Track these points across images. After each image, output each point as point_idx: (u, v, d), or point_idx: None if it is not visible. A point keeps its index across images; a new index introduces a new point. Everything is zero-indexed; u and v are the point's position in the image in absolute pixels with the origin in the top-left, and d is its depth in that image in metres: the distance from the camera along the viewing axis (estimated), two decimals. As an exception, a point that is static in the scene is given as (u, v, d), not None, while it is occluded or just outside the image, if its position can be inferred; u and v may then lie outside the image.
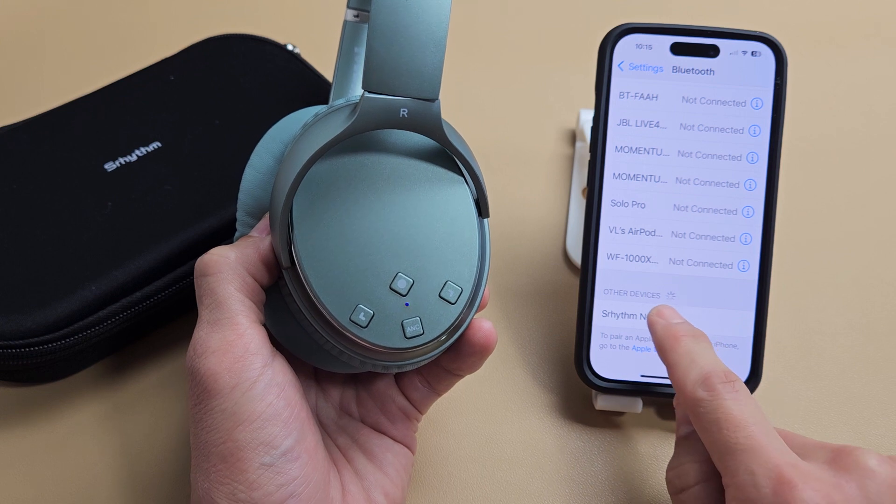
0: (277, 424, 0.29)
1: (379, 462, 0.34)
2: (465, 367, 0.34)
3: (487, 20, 0.61)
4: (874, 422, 0.41)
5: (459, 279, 0.31)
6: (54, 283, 0.38)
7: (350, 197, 0.31)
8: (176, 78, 0.47)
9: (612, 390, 0.40)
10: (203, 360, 0.29)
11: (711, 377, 0.32)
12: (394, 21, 0.29)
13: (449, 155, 0.32)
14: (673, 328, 0.35)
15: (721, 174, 0.40)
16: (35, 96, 0.54)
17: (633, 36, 0.40)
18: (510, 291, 0.46)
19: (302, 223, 0.30)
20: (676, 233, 0.40)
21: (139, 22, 0.61)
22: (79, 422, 0.41)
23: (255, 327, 0.30)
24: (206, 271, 0.31)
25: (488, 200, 0.33)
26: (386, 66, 0.29)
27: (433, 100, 0.30)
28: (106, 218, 0.41)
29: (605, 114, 0.40)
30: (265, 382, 0.30)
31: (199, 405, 0.30)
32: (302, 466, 0.30)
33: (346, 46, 0.38)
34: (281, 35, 0.54)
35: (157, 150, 0.43)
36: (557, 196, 0.51)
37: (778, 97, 0.40)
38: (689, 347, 0.34)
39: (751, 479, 0.28)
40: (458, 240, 0.31)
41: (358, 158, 0.31)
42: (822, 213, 0.50)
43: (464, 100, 0.55)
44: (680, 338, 0.34)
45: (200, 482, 0.30)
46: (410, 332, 0.30)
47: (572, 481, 0.39)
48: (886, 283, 0.47)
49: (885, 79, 0.57)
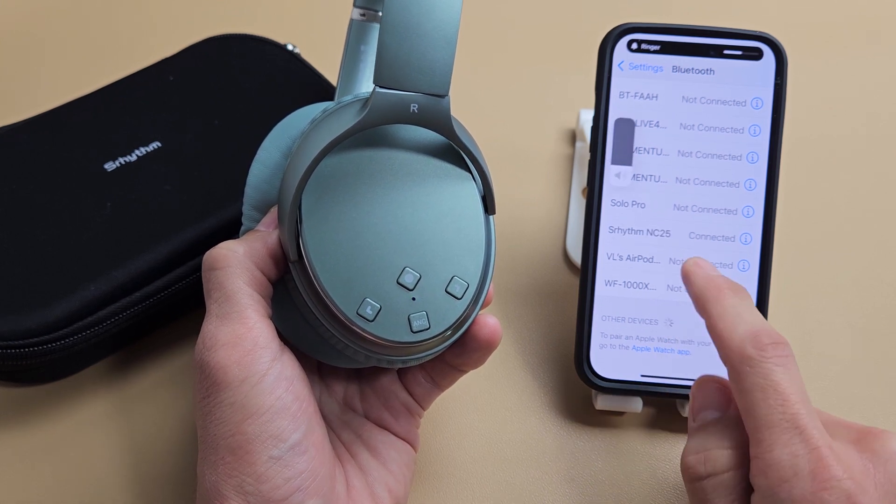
0: (286, 418, 0.29)
1: (382, 458, 0.35)
2: (469, 363, 0.34)
3: (487, 20, 0.61)
4: (874, 422, 0.41)
5: (466, 274, 0.31)
6: (54, 283, 0.38)
7: (358, 191, 0.31)
8: (176, 78, 0.47)
9: (612, 390, 0.40)
10: (212, 354, 0.30)
11: (761, 335, 0.30)
12: (406, 17, 0.30)
13: (457, 151, 0.32)
14: (714, 279, 0.33)
15: (721, 174, 0.40)
16: (35, 96, 0.54)
17: (632, 36, 0.40)
18: (510, 291, 0.46)
19: (310, 217, 0.31)
20: (676, 233, 0.40)
21: (139, 22, 0.61)
22: (79, 421, 0.41)
23: (263, 321, 0.31)
24: (214, 265, 0.31)
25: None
26: (397, 62, 0.30)
27: (443, 95, 0.30)
28: (106, 218, 0.41)
29: (605, 114, 0.40)
30: (274, 376, 0.30)
31: (208, 398, 0.30)
32: (309, 460, 0.30)
33: (352, 45, 0.38)
34: (281, 35, 0.54)
35: (157, 150, 0.43)
36: (557, 196, 0.51)
37: (778, 97, 0.40)
38: (733, 301, 0.32)
39: (790, 460, 0.28)
40: (465, 235, 0.32)
41: (367, 153, 0.32)
42: (822, 213, 0.50)
43: (464, 100, 0.55)
44: (723, 289, 0.32)
45: (208, 475, 0.30)
46: (417, 327, 0.31)
47: (572, 481, 0.39)
48: (886, 283, 0.47)
49: (886, 79, 0.57)
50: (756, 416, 0.29)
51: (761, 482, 0.28)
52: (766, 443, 0.28)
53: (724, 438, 0.31)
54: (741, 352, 0.30)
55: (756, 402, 0.29)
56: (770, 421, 0.29)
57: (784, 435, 0.28)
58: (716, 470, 0.30)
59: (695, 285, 0.33)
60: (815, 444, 0.28)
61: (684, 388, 0.40)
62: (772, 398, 0.29)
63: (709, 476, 0.31)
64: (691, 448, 0.32)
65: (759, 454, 0.29)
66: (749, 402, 0.29)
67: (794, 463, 0.28)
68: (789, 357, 0.30)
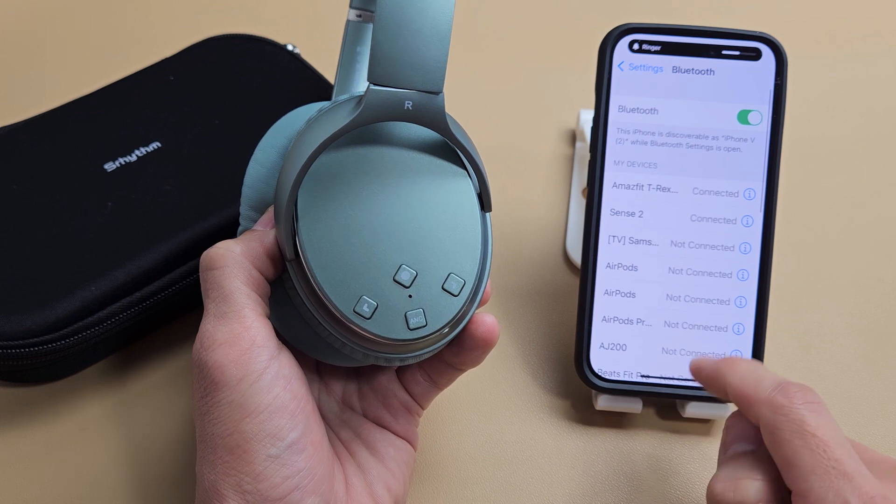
0: (284, 416, 0.30)
1: (381, 456, 0.35)
2: (466, 362, 0.34)
3: (487, 20, 0.61)
4: (874, 422, 0.41)
5: (462, 272, 0.31)
6: (54, 283, 0.38)
7: (354, 189, 0.31)
8: (176, 78, 0.47)
9: (612, 390, 0.40)
10: (210, 353, 0.30)
11: (787, 385, 0.30)
12: (399, 15, 0.30)
13: (452, 148, 0.32)
14: (724, 359, 0.34)
15: (721, 179, 0.40)
16: (35, 96, 0.54)
17: (633, 36, 0.40)
18: (510, 291, 0.46)
19: (306, 215, 0.31)
20: (676, 242, 0.40)
21: (139, 22, 0.61)
22: (79, 421, 0.41)
23: (261, 320, 0.31)
24: (211, 265, 0.31)
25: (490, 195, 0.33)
26: (391, 59, 0.30)
27: (437, 93, 0.30)
28: (106, 218, 0.41)
29: (605, 114, 0.40)
30: (272, 375, 0.30)
31: (206, 397, 0.30)
32: (307, 459, 0.30)
33: (348, 45, 0.38)
34: (281, 35, 0.54)
35: (157, 150, 0.43)
36: (557, 196, 0.51)
37: (778, 97, 0.40)
38: (749, 365, 0.32)
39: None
40: (461, 233, 0.32)
41: (362, 151, 0.32)
42: (821, 213, 0.50)
43: (464, 100, 0.55)
44: (736, 360, 0.33)
45: (206, 474, 0.30)
46: (414, 324, 0.31)
47: (572, 481, 0.39)
48: (886, 283, 0.47)
49: (885, 79, 0.57)
50: (800, 466, 0.29)
51: None
52: (815, 490, 0.28)
53: (757, 470, 0.31)
54: (771, 402, 0.30)
55: (797, 451, 0.29)
56: (813, 467, 0.28)
57: (832, 481, 0.28)
58: (745, 499, 0.30)
59: (706, 370, 0.34)
60: (868, 493, 0.27)
61: (684, 389, 0.40)
62: (812, 445, 0.28)
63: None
64: (721, 476, 0.31)
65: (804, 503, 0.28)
66: (790, 452, 0.29)
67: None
68: (820, 402, 0.30)
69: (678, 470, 0.40)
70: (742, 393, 0.31)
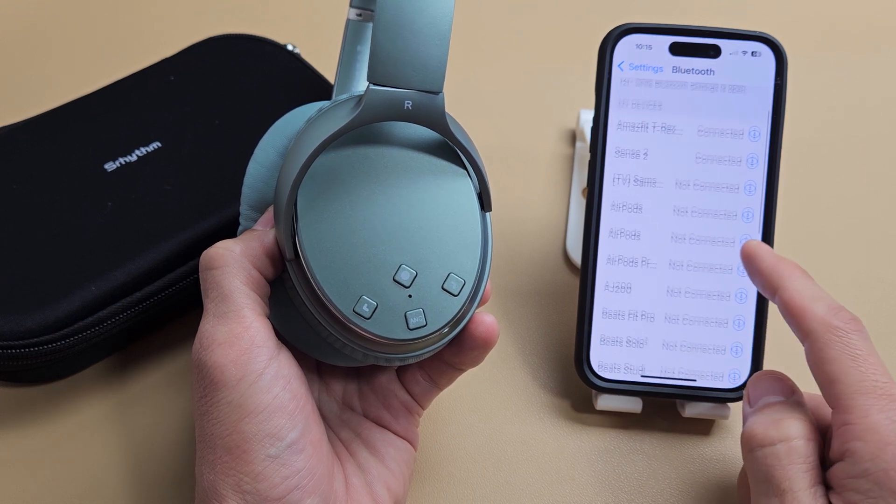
0: (283, 416, 0.30)
1: (381, 456, 0.35)
2: (466, 361, 0.34)
3: (487, 20, 0.61)
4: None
5: (462, 271, 0.31)
6: (54, 283, 0.38)
7: (354, 189, 0.31)
8: (176, 78, 0.47)
9: (612, 390, 0.40)
10: (209, 353, 0.30)
11: (842, 311, 0.32)
12: (399, 15, 0.30)
13: (452, 148, 0.32)
14: (784, 259, 0.35)
15: (721, 178, 0.40)
16: (35, 96, 0.54)
17: (633, 36, 0.40)
18: (510, 291, 0.46)
19: (306, 215, 0.31)
20: (676, 236, 0.40)
21: (139, 22, 0.61)
22: (79, 421, 0.41)
23: (260, 320, 0.31)
24: (211, 265, 0.31)
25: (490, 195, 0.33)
26: (391, 59, 0.30)
27: (437, 92, 0.30)
28: (106, 218, 0.41)
29: (606, 114, 0.40)
30: (271, 374, 0.30)
31: (206, 397, 0.30)
32: (307, 459, 0.30)
33: (348, 45, 0.38)
34: (281, 35, 0.54)
35: (157, 150, 0.43)
36: (557, 196, 0.51)
37: (778, 97, 0.40)
38: (808, 280, 0.33)
39: (890, 425, 0.29)
40: (461, 232, 0.32)
41: (362, 151, 0.32)
42: (821, 213, 0.50)
43: (464, 100, 0.55)
44: (796, 269, 0.34)
45: (206, 474, 0.30)
46: (413, 324, 0.31)
47: (572, 481, 0.39)
48: (886, 283, 0.47)
49: (885, 79, 0.57)
50: (847, 383, 0.30)
51: (858, 447, 0.29)
52: (862, 408, 0.29)
53: (795, 411, 0.32)
54: (827, 322, 0.31)
55: (846, 370, 0.30)
56: (864, 387, 0.30)
57: (880, 400, 0.29)
58: (789, 435, 0.31)
59: (765, 262, 0.35)
60: None
61: (684, 388, 0.40)
62: (863, 365, 0.30)
63: (781, 441, 0.31)
64: (759, 420, 0.32)
65: (852, 420, 0.29)
66: (838, 370, 0.30)
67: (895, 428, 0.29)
68: (868, 337, 0.31)
69: (678, 470, 0.40)
70: (797, 304, 0.33)
